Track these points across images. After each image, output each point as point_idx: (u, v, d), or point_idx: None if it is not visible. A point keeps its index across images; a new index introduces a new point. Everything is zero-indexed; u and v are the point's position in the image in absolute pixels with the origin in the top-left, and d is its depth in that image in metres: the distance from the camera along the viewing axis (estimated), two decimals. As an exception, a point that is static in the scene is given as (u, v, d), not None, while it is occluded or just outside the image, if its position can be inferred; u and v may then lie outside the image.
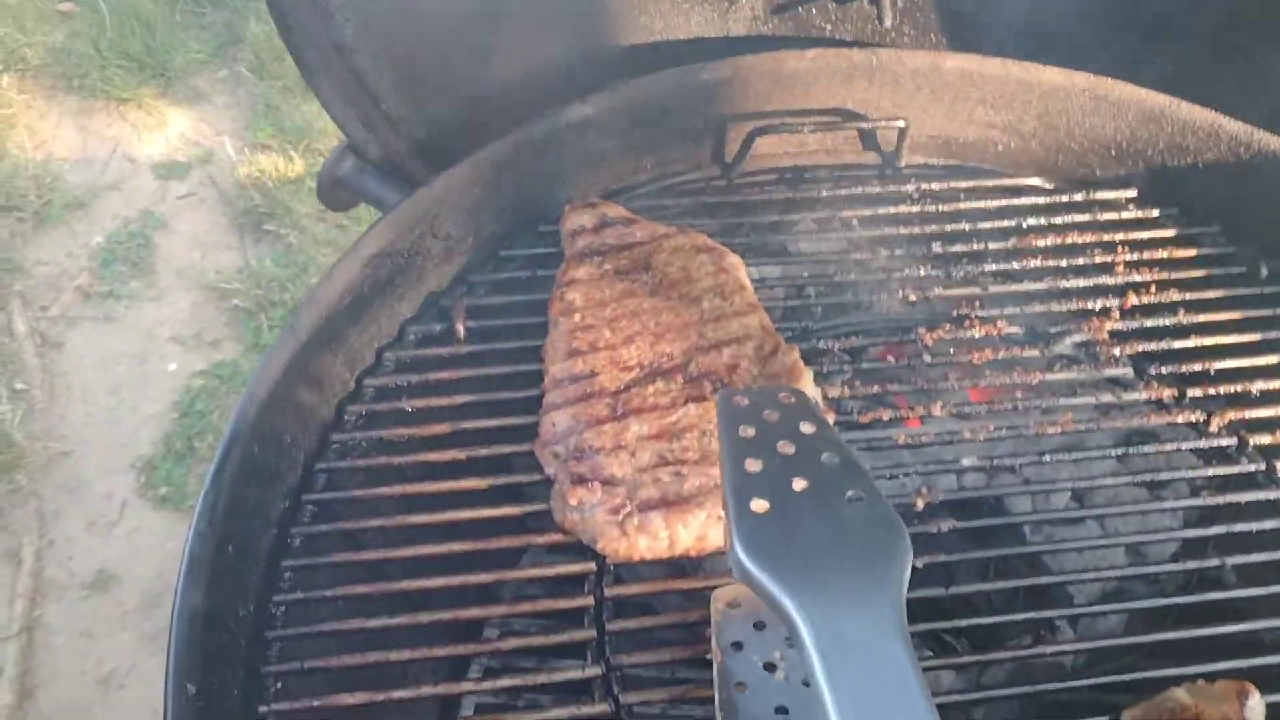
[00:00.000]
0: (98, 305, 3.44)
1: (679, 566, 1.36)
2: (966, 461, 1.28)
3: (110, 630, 2.86)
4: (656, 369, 1.22)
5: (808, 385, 1.20)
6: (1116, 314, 1.42)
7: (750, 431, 0.85)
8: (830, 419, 1.22)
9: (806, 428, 0.86)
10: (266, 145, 3.80)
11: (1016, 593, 1.29)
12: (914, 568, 1.17)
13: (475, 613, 1.13)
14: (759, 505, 0.78)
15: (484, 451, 1.23)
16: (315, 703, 1.05)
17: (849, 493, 0.79)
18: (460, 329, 1.33)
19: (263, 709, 1.04)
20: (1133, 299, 1.43)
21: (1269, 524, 1.25)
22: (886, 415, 1.30)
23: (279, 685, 1.07)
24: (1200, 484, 1.35)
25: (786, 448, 0.84)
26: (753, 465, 0.82)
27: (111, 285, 3.46)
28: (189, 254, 3.58)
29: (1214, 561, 1.22)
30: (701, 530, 1.10)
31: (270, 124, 3.83)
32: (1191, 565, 1.22)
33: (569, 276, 1.32)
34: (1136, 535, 1.27)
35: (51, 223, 3.58)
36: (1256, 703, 1.05)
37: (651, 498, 1.11)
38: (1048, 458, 1.28)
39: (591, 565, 1.16)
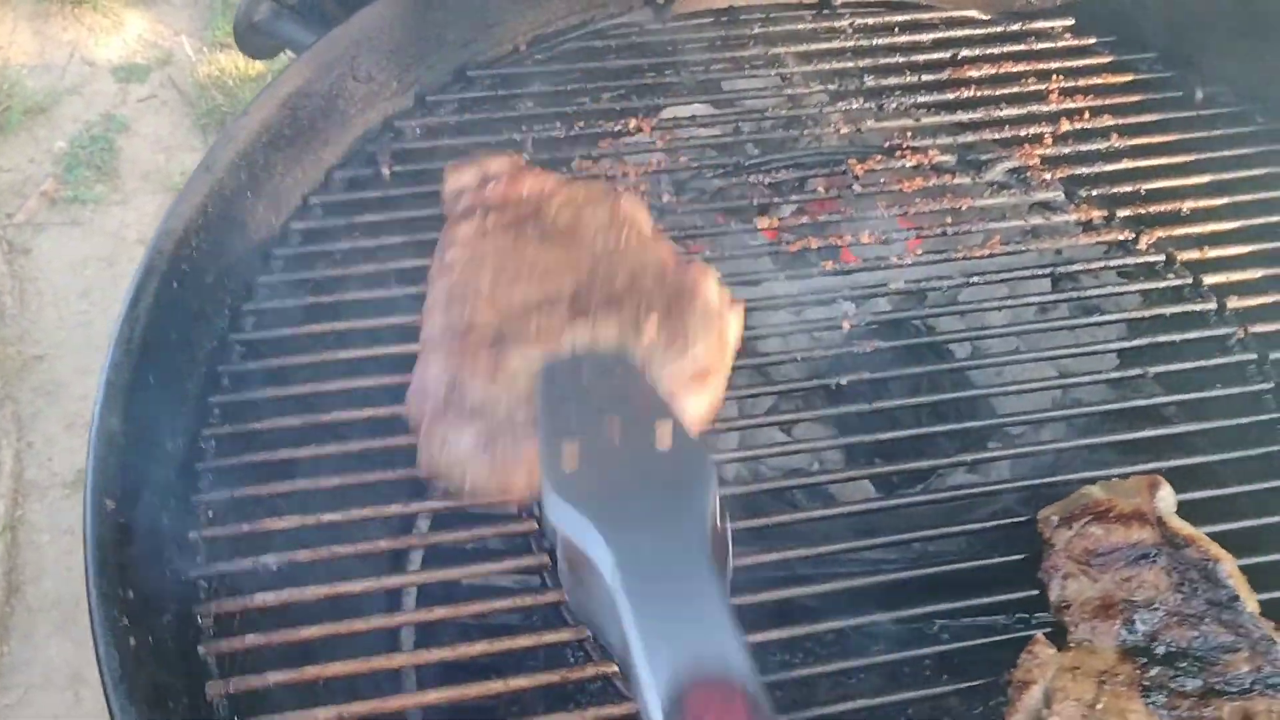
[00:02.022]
0: (64, 210, 3.42)
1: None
2: (894, 286, 1.28)
3: (94, 527, 2.91)
4: (543, 304, 1.07)
5: (711, 283, 1.09)
6: (1049, 140, 1.41)
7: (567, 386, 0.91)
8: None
9: (635, 390, 0.90)
10: (226, 44, 3.73)
11: (943, 415, 1.31)
12: (838, 385, 1.20)
13: (404, 440, 1.14)
14: (570, 449, 0.82)
15: (413, 290, 1.24)
16: (246, 527, 1.07)
17: (656, 423, 0.82)
18: (386, 172, 1.32)
19: (193, 534, 1.06)
20: (1065, 125, 1.42)
21: (1192, 334, 1.26)
22: (815, 243, 1.30)
23: (210, 513, 1.08)
24: (1128, 303, 1.36)
25: (600, 392, 0.89)
26: (566, 409, 0.86)
27: (76, 190, 3.43)
28: (153, 156, 3.55)
29: (1135, 371, 1.24)
30: None
31: (228, 22, 3.75)
32: (1114, 374, 1.24)
33: (449, 238, 1.16)
34: (1065, 350, 1.27)
35: (12, 129, 3.54)
36: (1167, 494, 1.07)
37: (532, 420, 0.97)
38: (975, 279, 1.29)
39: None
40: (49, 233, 3.39)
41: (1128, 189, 1.36)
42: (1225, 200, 1.36)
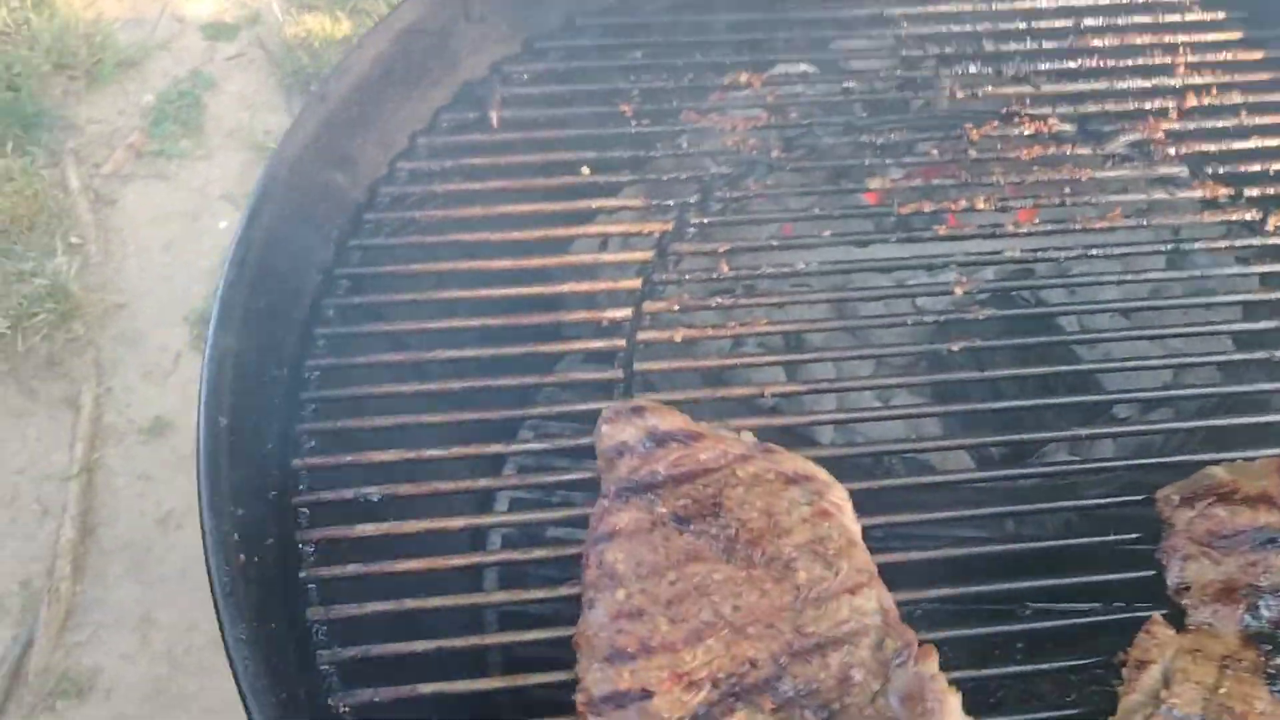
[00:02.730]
0: (149, 164, 3.47)
1: (711, 377, 1.35)
2: (1008, 254, 1.25)
3: (167, 474, 2.95)
4: (735, 686, 0.87)
5: (952, 712, 0.87)
6: (1174, 114, 1.36)
7: None
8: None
9: None
10: (313, 5, 3.76)
11: (1051, 389, 1.27)
12: (949, 351, 1.17)
13: (502, 381, 1.13)
14: None
15: (518, 234, 1.23)
16: (348, 458, 1.07)
17: None
18: (495, 117, 1.31)
19: (297, 463, 1.06)
20: (1192, 100, 1.37)
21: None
22: (928, 207, 1.27)
23: (312, 442, 1.08)
24: (1247, 285, 1.30)
25: None
26: None
27: (162, 144, 3.48)
28: (238, 114, 3.59)
29: (1260, 354, 1.19)
30: None
31: (317, -17, 3.79)
32: (1235, 357, 1.19)
33: (608, 525, 0.96)
34: (1181, 329, 1.23)
35: (103, 81, 3.60)
36: (1296, 476, 1.03)
37: None
38: (1094, 251, 1.25)
39: (620, 373, 1.16)
40: (134, 185, 3.44)
41: (1256, 168, 1.31)
42: (1362, 182, 1.30)
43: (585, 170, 1.29)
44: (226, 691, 2.63)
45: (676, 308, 1.19)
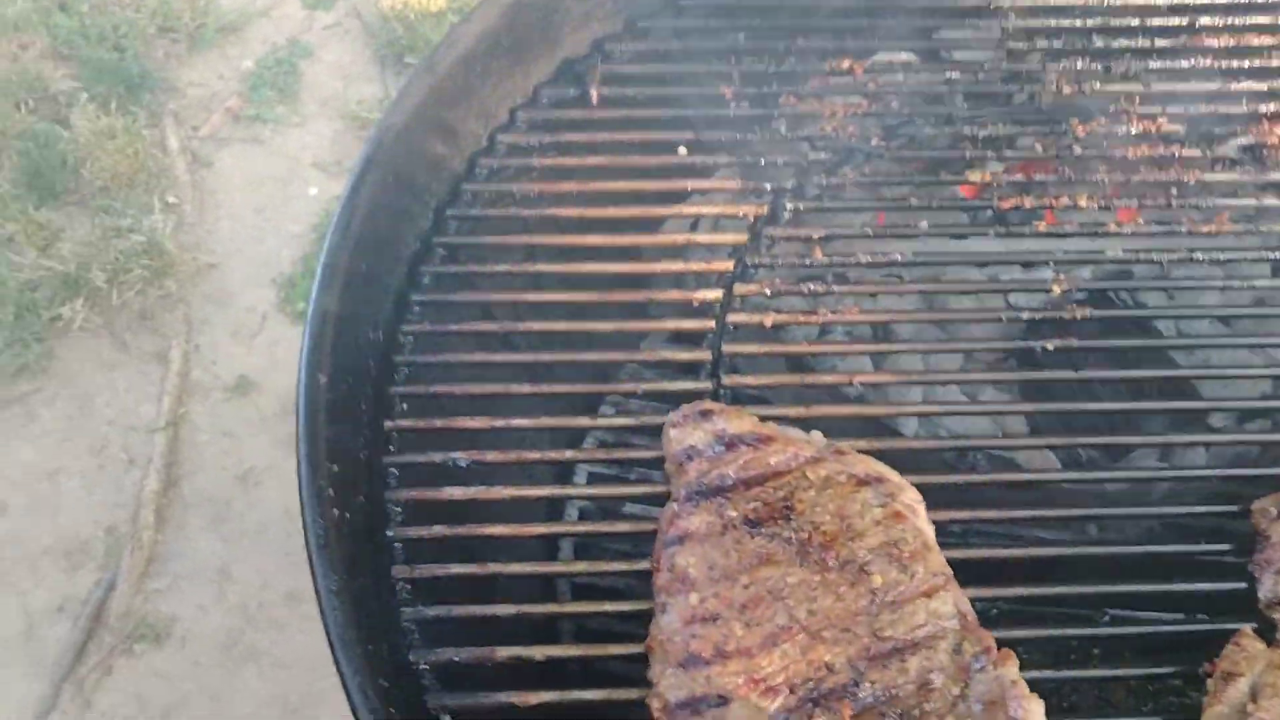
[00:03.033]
0: (246, 128, 3.56)
1: (797, 363, 1.35)
2: (1110, 254, 1.22)
3: (250, 432, 3.03)
4: (813, 692, 0.87)
5: (1036, 718, 0.86)
6: (1291, 118, 1.32)
7: None
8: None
9: None
10: (410, -22, 3.81)
11: (1144, 394, 1.25)
12: (1044, 349, 1.15)
13: (589, 355, 1.15)
14: None
15: (612, 211, 1.24)
16: (439, 423, 1.09)
17: None
18: (594, 94, 1.32)
19: (389, 424, 1.09)
20: (1311, 103, 1.33)
21: None
22: (1028, 203, 1.25)
23: (404, 405, 1.11)
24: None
25: None
26: None
27: (259, 109, 3.56)
28: (332, 83, 3.66)
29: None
30: None
31: (415, -44, 3.84)
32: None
33: (679, 529, 0.96)
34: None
35: (205, 45, 3.69)
36: (1400, 503, 1.00)
37: None
38: (1198, 255, 1.22)
39: (708, 354, 1.16)
40: (230, 148, 3.52)
41: (1373, 177, 1.27)
42: None
43: (682, 150, 1.29)
44: (297, 647, 2.72)
45: (767, 292, 1.19)
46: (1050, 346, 1.15)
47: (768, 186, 1.27)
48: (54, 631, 2.68)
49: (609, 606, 1.02)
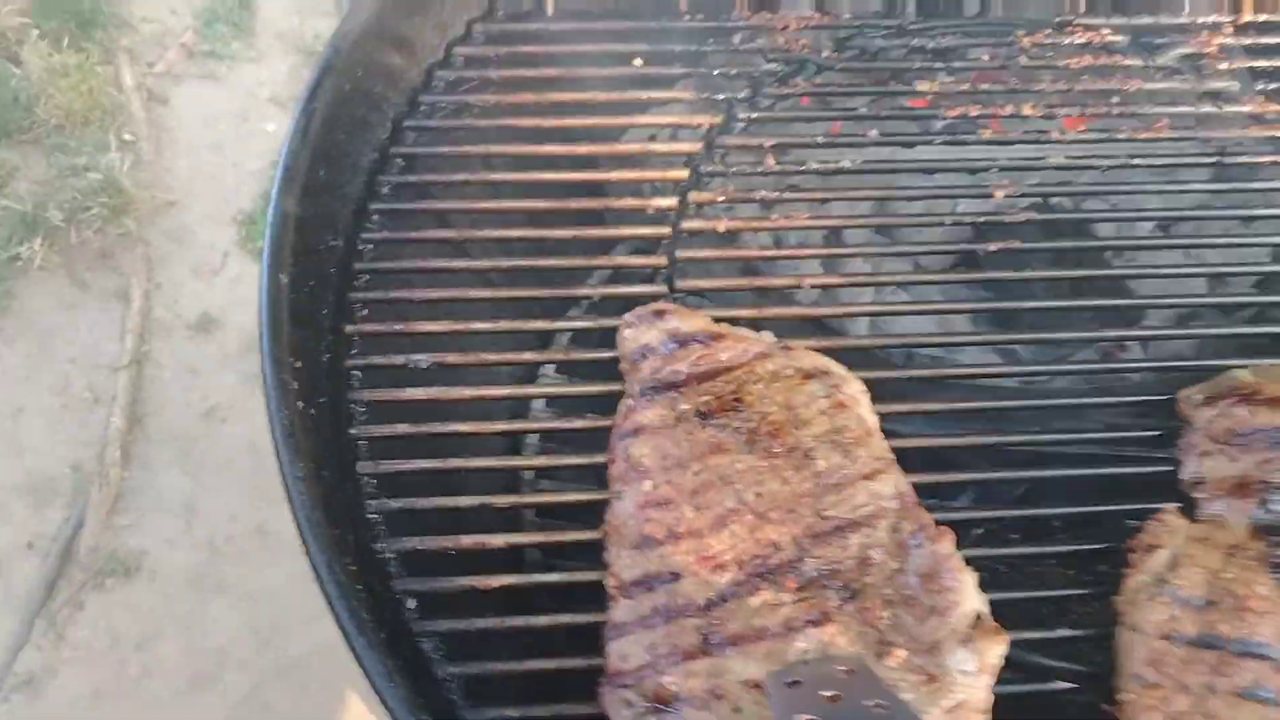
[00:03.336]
0: (201, 64, 3.51)
1: (751, 268, 1.38)
2: (1052, 161, 1.26)
3: (213, 369, 3.04)
4: (760, 567, 0.91)
5: (969, 589, 0.91)
6: (1230, 28, 1.36)
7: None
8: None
9: (879, 708, 0.74)
10: (366, -89, 3.76)
11: (1087, 293, 1.29)
12: (986, 252, 1.19)
13: (549, 261, 1.17)
14: None
15: (568, 121, 1.26)
16: (399, 327, 1.11)
17: None
18: (550, 4, 1.33)
19: (350, 329, 1.11)
20: (1248, 14, 1.36)
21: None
22: (975, 110, 1.28)
23: (365, 311, 1.13)
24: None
25: None
26: None
27: (214, 45, 3.52)
28: (287, 18, 3.61)
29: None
30: None
31: (370, -111, 3.78)
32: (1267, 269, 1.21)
33: (633, 422, 1.00)
34: (1219, 240, 1.24)
35: (157, -20, 3.63)
36: (1320, 381, 1.05)
37: None
38: (1136, 161, 1.26)
39: (663, 260, 1.19)
40: (186, 85, 3.48)
41: (1308, 85, 1.31)
42: None
43: (638, 62, 1.31)
44: (266, 579, 2.74)
45: (721, 199, 1.21)
46: (992, 249, 1.19)
47: (722, 98, 1.29)
48: (24, 568, 2.69)
49: (569, 497, 1.05)
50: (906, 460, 0.99)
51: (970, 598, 0.90)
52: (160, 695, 2.56)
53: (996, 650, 0.88)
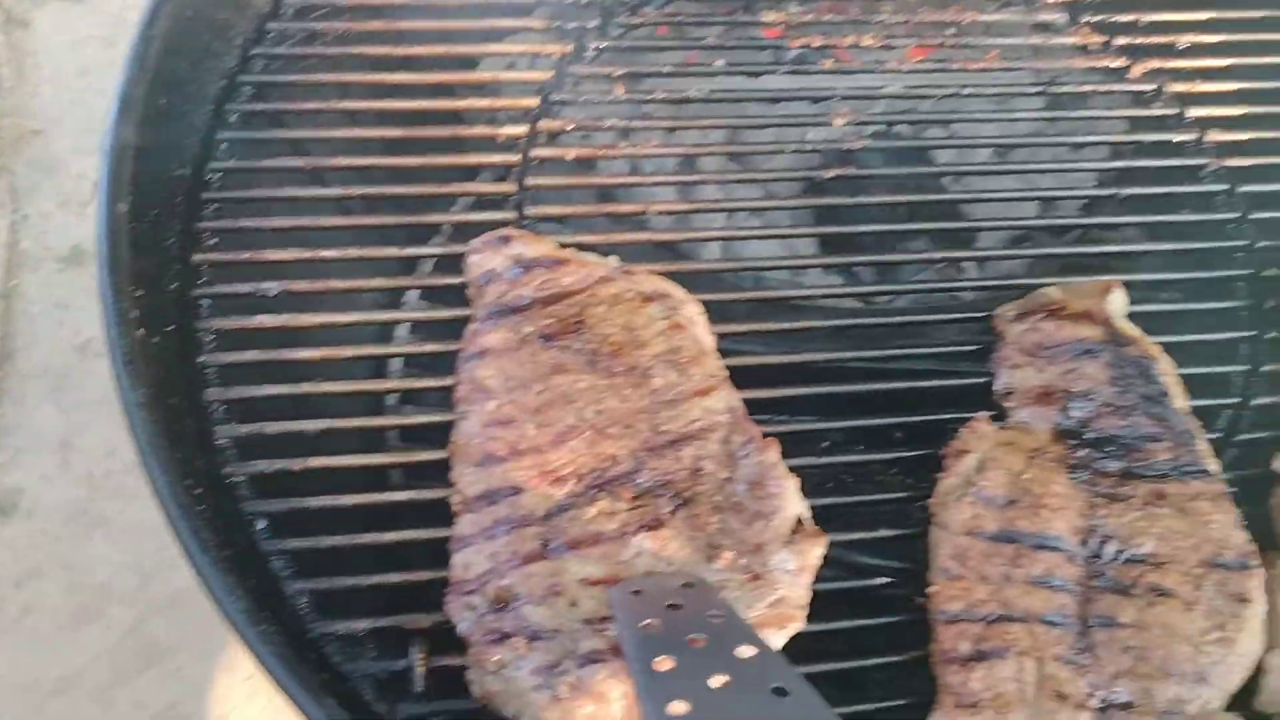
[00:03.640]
0: (63, -16, 3.36)
1: (608, 195, 1.41)
2: (889, 90, 1.32)
3: (85, 303, 2.96)
4: (598, 479, 0.96)
5: (791, 494, 0.97)
6: (1059, -38, 1.42)
7: (654, 625, 0.77)
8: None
9: (714, 616, 0.78)
10: None
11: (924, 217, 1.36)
12: (823, 179, 1.24)
13: (404, 189, 1.19)
14: (677, 708, 0.68)
15: (419, 49, 1.27)
16: (246, 255, 1.12)
17: (773, 684, 0.70)
18: (400, -69, 1.33)
19: (198, 257, 1.12)
20: (1077, -52, 1.43)
21: (1169, 162, 1.31)
22: (816, 42, 1.33)
23: (214, 240, 1.13)
24: (1114, 127, 1.39)
25: (698, 641, 0.75)
26: (663, 664, 0.73)
27: (76, -36, 3.36)
28: (155, -63, 3.47)
29: (1108, 192, 1.29)
30: None
31: None
32: (1090, 192, 1.29)
33: (478, 345, 1.03)
34: (1047, 166, 1.32)
35: (10, -105, 3.44)
36: (1118, 298, 1.13)
37: (596, 648, 0.87)
38: (967, 89, 1.32)
39: (513, 187, 1.21)
40: (48, 7, 3.33)
41: (1128, 18, 1.38)
42: (1222, 38, 1.38)
43: (489, -10, 1.32)
44: (147, 513, 2.70)
45: (571, 127, 1.24)
46: (830, 175, 1.24)
47: (573, 26, 1.31)
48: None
49: (419, 419, 1.09)
50: (751, 377, 1.05)
51: (792, 502, 0.96)
52: (42, 632, 2.54)
53: (816, 551, 0.95)
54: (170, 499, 0.89)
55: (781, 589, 0.93)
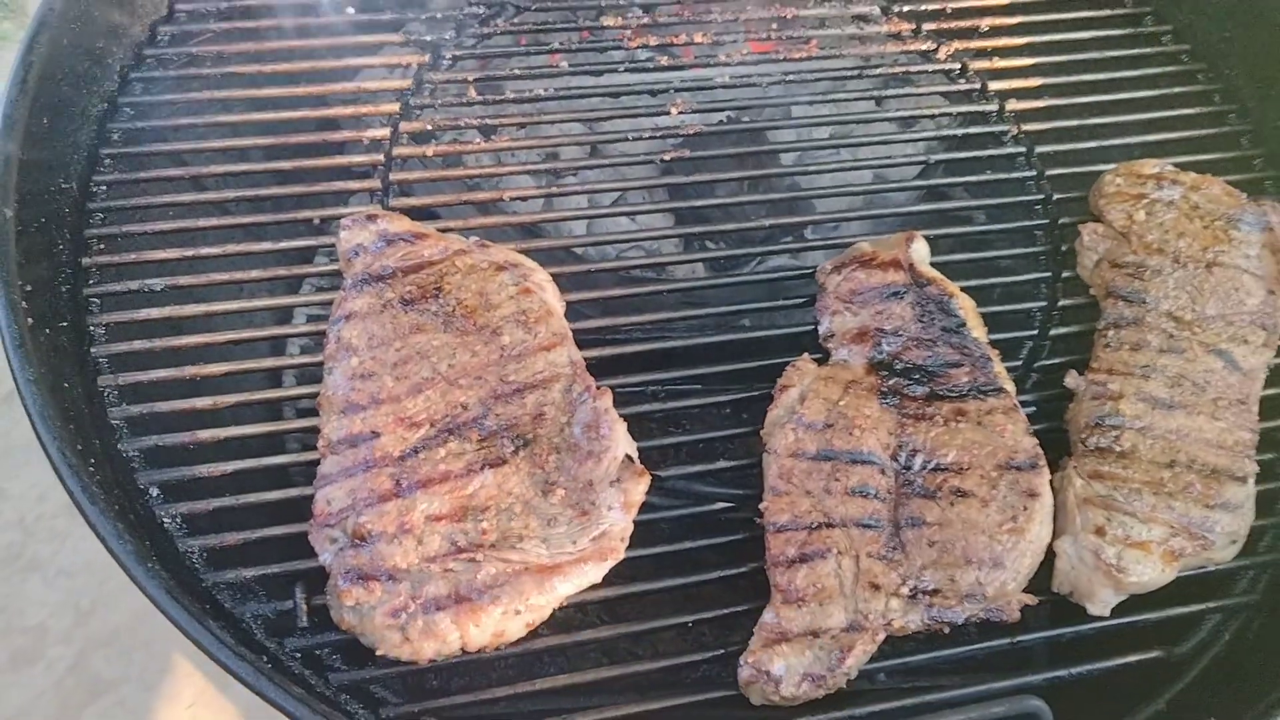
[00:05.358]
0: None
1: (469, 185, 1.53)
2: (719, 80, 1.46)
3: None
4: (449, 425, 1.06)
5: (620, 437, 1.08)
6: (871, -42, 1.58)
7: None
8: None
9: None
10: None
11: (756, 188, 1.50)
12: (663, 160, 1.37)
13: (280, 190, 1.30)
14: None
15: (285, 66, 1.39)
16: (132, 256, 1.23)
17: None
18: (266, -40, 1.45)
19: (86, 261, 1.22)
20: (888, -55, 1.59)
21: (975, 130, 1.47)
22: (653, 40, 1.47)
23: (101, 245, 1.24)
24: (927, 103, 1.54)
25: None
26: None
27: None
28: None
29: (921, 157, 1.44)
30: (498, 627, 0.98)
31: None
32: (908, 160, 1.44)
33: (346, 309, 1.13)
34: (873, 139, 1.47)
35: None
36: (920, 246, 1.28)
37: (439, 595, 0.98)
38: (791, 77, 1.47)
39: (377, 184, 1.33)
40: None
41: (934, 6, 1.55)
42: (1018, 20, 1.55)
43: (350, 10, 1.45)
44: (83, 553, 2.75)
45: (429, 127, 1.37)
46: (668, 158, 1.38)
47: (429, 38, 1.44)
48: None
49: (293, 392, 1.20)
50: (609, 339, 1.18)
51: (620, 443, 1.08)
52: (-22, 673, 2.57)
53: (639, 488, 1.07)
54: (61, 462, 0.99)
55: (605, 524, 1.04)
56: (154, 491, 1.10)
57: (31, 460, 2.89)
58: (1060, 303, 1.35)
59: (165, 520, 1.09)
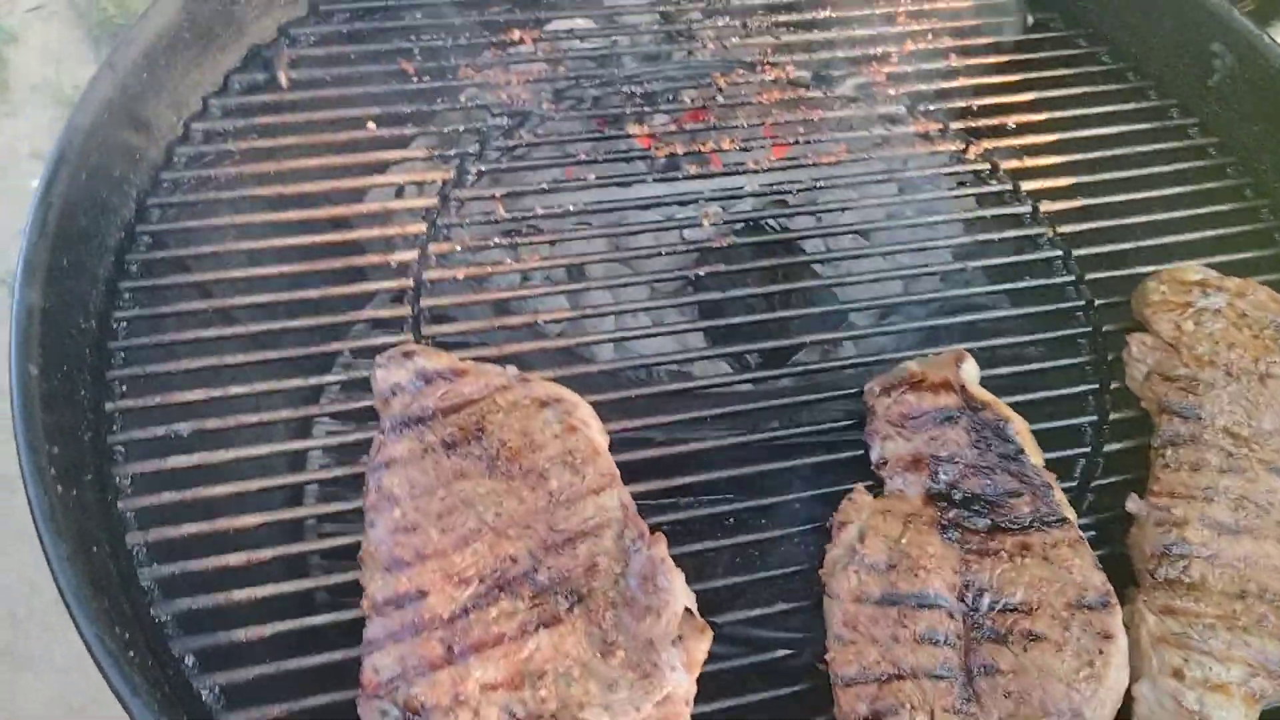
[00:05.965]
0: (-49, 122, 3.37)
1: (503, 308, 1.49)
2: (750, 188, 1.43)
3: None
4: (499, 580, 1.01)
5: (679, 589, 1.02)
6: (894, 59, 1.56)
7: None
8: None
9: None
10: (114, -47, 3.67)
11: (797, 301, 1.47)
12: (697, 276, 1.34)
13: (302, 322, 1.26)
14: None
15: (308, 187, 1.34)
16: (157, 399, 1.18)
17: None
18: (284, 77, 1.41)
19: (110, 406, 1.17)
20: (910, 45, 1.57)
21: (1010, 234, 1.44)
22: (681, 149, 1.44)
23: (124, 387, 1.18)
24: (959, 206, 1.52)
25: None
26: None
27: (-36, 101, 3.38)
28: (42, 69, 3.50)
29: (957, 265, 1.41)
30: None
31: (117, -69, 3.69)
32: (943, 268, 1.41)
33: (385, 455, 1.09)
34: (905, 246, 1.44)
35: (-107, 36, 3.45)
36: (970, 366, 1.25)
37: None
38: (821, 183, 1.44)
39: (408, 310, 1.29)
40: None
41: (961, 105, 1.53)
42: (1045, 116, 1.53)
43: (371, 125, 1.41)
44: (74, 649, 2.67)
45: (459, 248, 1.33)
46: (702, 273, 1.34)
47: (453, 153, 1.40)
48: None
49: (328, 544, 1.14)
50: (651, 468, 1.12)
51: (679, 596, 1.03)
52: (-31, 779, 2.48)
53: (702, 646, 1.01)
54: (100, 650, 0.93)
55: (669, 686, 0.99)
56: (189, 660, 1.05)
57: (23, 551, 2.80)
58: (1110, 416, 1.32)
59: (203, 693, 1.03)
